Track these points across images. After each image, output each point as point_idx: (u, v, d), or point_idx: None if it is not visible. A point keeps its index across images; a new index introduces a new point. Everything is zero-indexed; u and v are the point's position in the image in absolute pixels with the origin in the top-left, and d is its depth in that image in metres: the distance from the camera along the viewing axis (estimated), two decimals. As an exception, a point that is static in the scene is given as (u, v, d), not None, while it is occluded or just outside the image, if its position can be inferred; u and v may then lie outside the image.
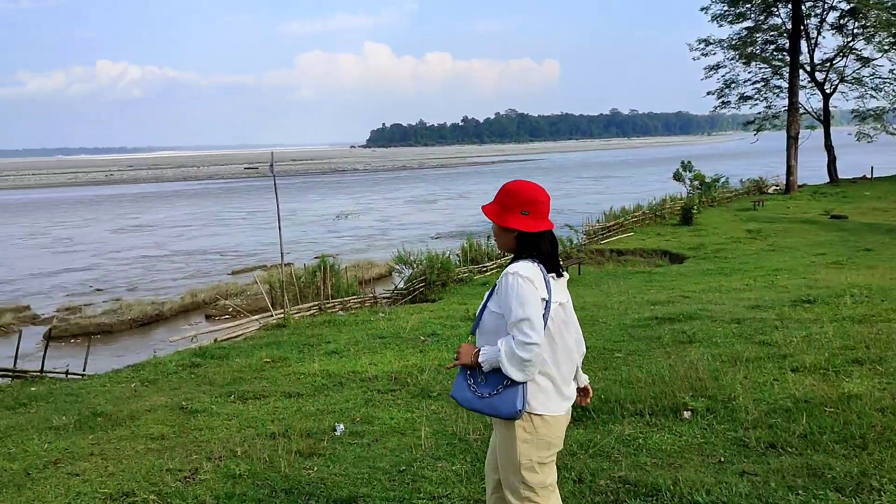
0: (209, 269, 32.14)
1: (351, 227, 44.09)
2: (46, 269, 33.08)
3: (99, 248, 39.53)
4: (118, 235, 44.72)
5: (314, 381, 8.00)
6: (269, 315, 13.73)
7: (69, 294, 27.85)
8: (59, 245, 40.87)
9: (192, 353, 10.24)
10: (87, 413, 6.95)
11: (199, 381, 8.48)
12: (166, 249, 38.20)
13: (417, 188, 78.51)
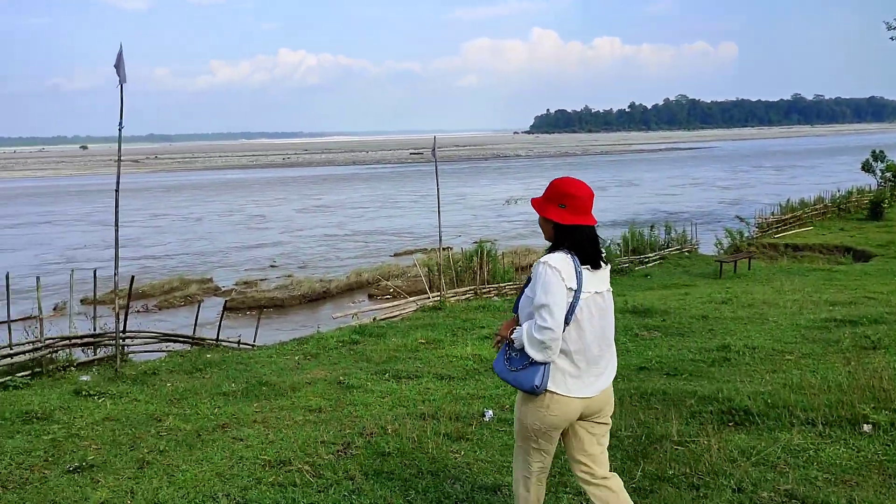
0: (378, 250, 33.23)
1: (520, 213, 43.93)
2: (244, 243, 35.43)
3: (287, 225, 41.81)
4: (304, 214, 47.09)
5: (466, 365, 8.03)
6: (426, 297, 13.99)
7: (248, 269, 29.79)
8: (252, 222, 43.67)
9: (352, 331, 10.60)
10: (254, 382, 7.36)
11: (357, 358, 8.76)
12: (346, 229, 39.79)
13: (586, 174, 77.14)
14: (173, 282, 25.62)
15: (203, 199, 58.04)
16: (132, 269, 27.49)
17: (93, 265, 28.37)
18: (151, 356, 9.32)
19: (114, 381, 7.54)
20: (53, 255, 32.15)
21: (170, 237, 37.39)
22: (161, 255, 32.09)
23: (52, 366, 7.67)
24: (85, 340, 8.22)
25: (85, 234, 38.25)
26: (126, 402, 6.76)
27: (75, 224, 42.85)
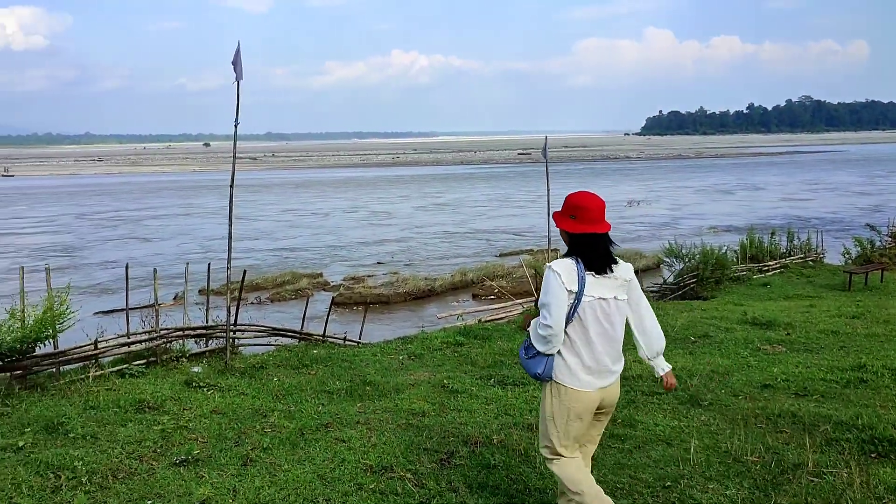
0: (501, 247, 32.99)
1: (641, 215, 42.70)
2: (366, 238, 35.98)
3: (409, 222, 41.97)
4: (425, 212, 47.28)
5: (575, 374, 7.69)
6: (532, 300, 13.66)
7: (358, 265, 30.19)
8: (376, 218, 44.33)
9: (456, 332, 10.43)
10: (358, 381, 7.29)
11: (462, 361, 8.57)
12: (467, 227, 39.56)
13: (710, 177, 74.16)
14: (285, 276, 26.30)
15: (329, 196, 59.20)
16: (269, 260, 29.53)
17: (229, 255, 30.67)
18: (260, 349, 9.45)
19: (223, 374, 7.64)
20: (195, 244, 33.75)
21: (301, 231, 38.47)
22: (294, 247, 33.10)
23: (167, 356, 7.87)
24: (198, 332, 8.41)
25: (222, 226, 39.67)
26: (233, 395, 6.82)
27: (213, 216, 44.92)
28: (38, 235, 37.02)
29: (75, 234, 37.09)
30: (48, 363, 6.78)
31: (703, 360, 8.51)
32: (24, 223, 42.27)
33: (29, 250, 32.09)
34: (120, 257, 29.41)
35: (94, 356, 7.22)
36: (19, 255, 30.54)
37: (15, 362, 6.35)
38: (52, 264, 26.79)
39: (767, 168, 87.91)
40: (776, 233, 23.55)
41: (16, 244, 33.98)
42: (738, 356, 8.73)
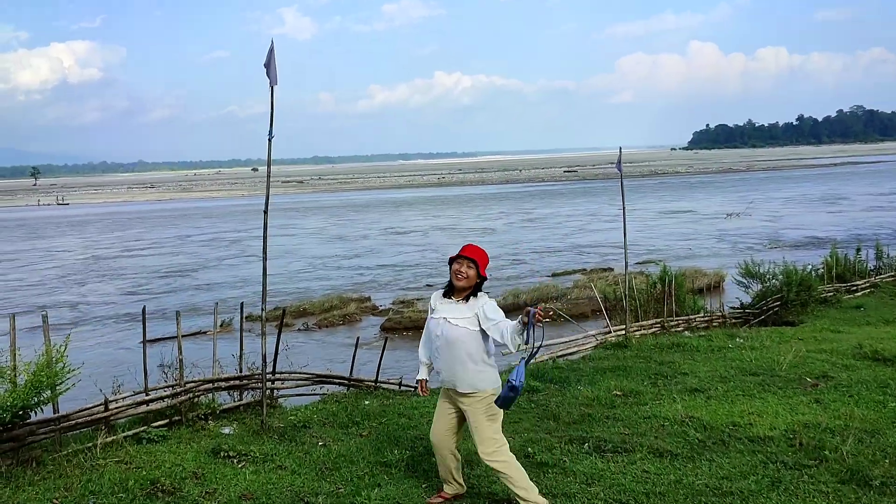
0: (540, 268, 31.54)
1: (736, 228, 40.56)
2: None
3: (512, 237, 40.90)
4: (524, 227, 46.13)
5: (686, 435, 6.21)
6: (608, 331, 12.17)
7: (403, 288, 29.04)
8: (476, 235, 43.06)
9: (528, 374, 9.00)
10: (421, 448, 5.93)
11: (541, 415, 7.16)
12: (567, 242, 38.36)
13: (796, 188, 70.79)
14: (332, 300, 25.21)
15: (421, 215, 58.40)
16: (380, 275, 29.91)
17: (334, 272, 30.94)
18: (304, 399, 8.17)
19: (258, 437, 6.37)
20: (303, 263, 33.55)
21: (407, 248, 37.86)
22: (400, 264, 32.61)
23: (193, 413, 6.62)
24: (230, 384, 7.15)
25: (324, 245, 39.89)
26: (269, 469, 5.52)
27: (311, 236, 44.65)
28: (156, 257, 37.69)
29: (192, 255, 37.81)
30: (46, 431, 5.57)
31: (838, 411, 6.95)
32: (138, 245, 43.41)
33: (148, 272, 32.72)
34: (231, 277, 29.89)
35: (104, 419, 5.99)
36: (139, 275, 31.43)
37: (4, 432, 5.16)
38: (162, 285, 27.98)
39: (843, 178, 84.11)
40: (861, 248, 21.57)
41: (137, 266, 34.73)
42: (880, 405, 7.15)
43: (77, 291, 28.16)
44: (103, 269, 34.28)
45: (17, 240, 50.03)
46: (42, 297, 27.16)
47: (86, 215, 73.69)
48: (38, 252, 42.00)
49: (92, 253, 40.66)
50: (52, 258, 38.98)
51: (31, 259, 38.89)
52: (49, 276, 32.22)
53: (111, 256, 38.86)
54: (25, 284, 30.30)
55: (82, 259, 38.17)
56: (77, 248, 43.83)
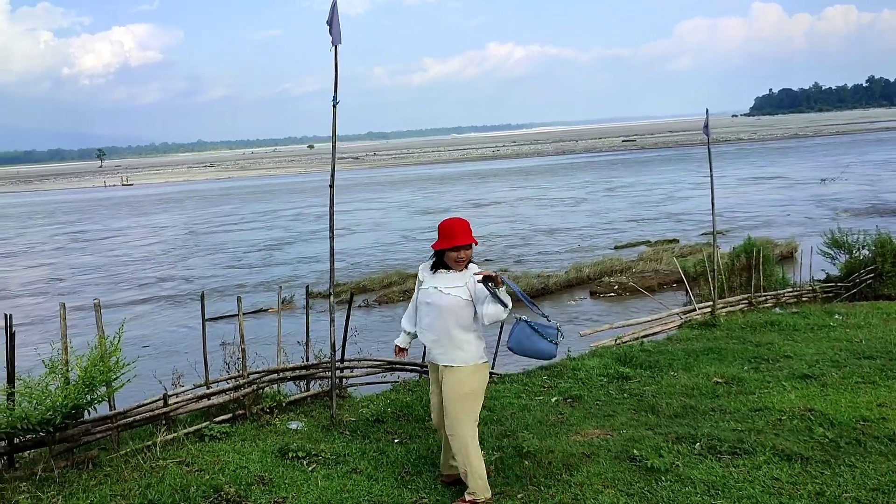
0: (606, 241, 30.60)
1: (832, 193, 38.62)
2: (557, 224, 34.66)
3: (596, 208, 40.21)
4: (609, 196, 45.32)
5: (811, 432, 5.42)
6: (692, 309, 11.31)
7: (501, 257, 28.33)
8: (564, 205, 42.54)
9: (615, 358, 8.30)
10: (509, 448, 5.30)
11: (638, 407, 6.45)
12: (655, 211, 37.29)
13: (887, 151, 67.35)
14: (391, 276, 24.75)
15: (507, 186, 57.70)
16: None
17: (417, 244, 31.06)
18: (375, 388, 7.61)
19: (328, 433, 5.82)
20: (395, 235, 33.64)
21: (495, 219, 37.34)
22: (488, 234, 32.05)
23: (257, 407, 6.11)
24: (296, 374, 6.63)
25: (412, 219, 39.81)
26: (343, 473, 4.95)
27: (399, 210, 44.58)
28: (251, 232, 38.29)
29: (285, 229, 38.19)
30: (103, 429, 5.13)
31: (982, 402, 6.06)
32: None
33: (247, 245, 33.29)
34: (325, 250, 29.53)
35: (164, 415, 5.52)
36: (238, 250, 31.85)
37: (56, 432, 4.72)
38: (253, 260, 28.48)
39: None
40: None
41: (236, 240, 35.30)
42: None
43: (183, 265, 28.81)
44: (204, 244, 34.90)
45: (116, 218, 51.47)
46: (149, 271, 27.87)
47: (165, 194, 74.95)
48: (143, 228, 43.32)
49: (190, 228, 41.65)
50: (156, 234, 40.06)
51: (137, 235, 40.06)
52: (154, 252, 33.05)
53: (208, 232, 39.68)
54: (134, 259, 31.20)
55: (182, 235, 39.03)
56: (174, 224, 44.96)
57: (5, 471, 4.63)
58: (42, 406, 4.47)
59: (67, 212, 59.20)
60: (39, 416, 4.40)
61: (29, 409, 4.46)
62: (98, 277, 27.02)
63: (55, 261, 32.24)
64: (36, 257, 33.94)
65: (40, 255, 34.45)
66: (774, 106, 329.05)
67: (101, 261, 31.25)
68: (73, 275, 28.02)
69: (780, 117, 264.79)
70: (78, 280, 26.75)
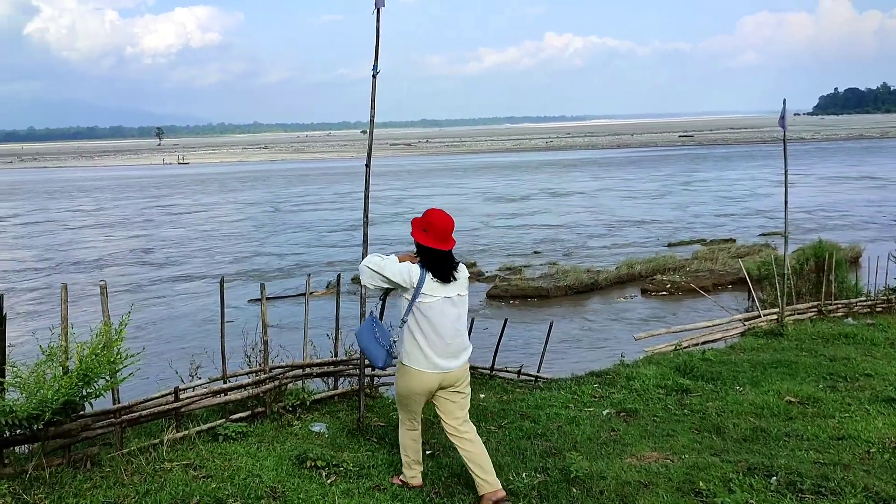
0: (655, 238, 29.64)
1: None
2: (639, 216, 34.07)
3: (681, 201, 39.57)
4: (693, 192, 44.21)
5: (907, 469, 4.67)
6: (756, 315, 10.46)
7: (511, 254, 27.83)
8: (647, 197, 42.04)
9: (673, 367, 7.58)
10: (555, 469, 4.66)
11: (700, 426, 5.74)
12: (740, 206, 36.40)
13: None
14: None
15: (588, 176, 57.03)
16: (556, 234, 29.38)
17: (515, 232, 30.73)
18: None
19: (353, 439, 5.27)
20: (475, 221, 33.56)
21: (575, 209, 37.23)
22: (568, 224, 32.01)
23: (279, 405, 5.59)
24: (323, 370, 6.09)
25: (494, 205, 39.67)
26: (365, 489, 4.39)
27: (476, 196, 44.48)
28: (334, 212, 38.62)
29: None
30: (104, 425, 4.66)
31: None
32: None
33: (331, 225, 33.58)
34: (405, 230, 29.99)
35: (174, 410, 5.03)
36: (321, 229, 32.21)
37: (50, 427, 4.23)
38: (337, 238, 28.66)
39: None
40: None
41: (319, 219, 35.68)
42: None
43: (273, 241, 29.20)
44: (291, 222, 35.19)
45: (200, 194, 52.42)
46: (238, 246, 28.32)
47: (225, 174, 75.77)
48: (231, 204, 43.90)
49: (275, 207, 41.97)
50: (241, 211, 40.69)
51: (222, 211, 40.78)
52: (246, 227, 33.48)
53: (292, 210, 40.04)
54: (221, 234, 31.66)
55: (268, 213, 39.41)
56: (259, 201, 45.34)
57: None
58: (34, 399, 3.98)
59: (146, 187, 60.13)
60: (27, 410, 3.91)
61: (16, 402, 3.98)
62: (189, 251, 27.40)
63: (146, 233, 32.80)
64: (128, 229, 34.53)
65: (133, 227, 35.08)
66: (839, 106, 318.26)
67: (191, 234, 31.73)
68: (161, 247, 28.50)
69: (845, 117, 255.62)
70: (166, 252, 27.13)
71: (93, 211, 42.18)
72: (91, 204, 46.47)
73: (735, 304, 15.66)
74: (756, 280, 13.83)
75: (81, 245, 29.48)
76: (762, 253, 23.48)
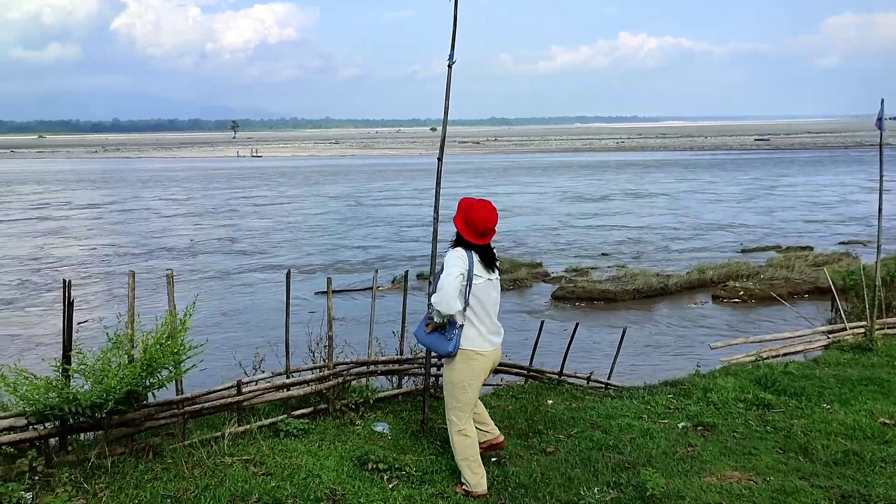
0: (728, 243, 28.74)
1: None
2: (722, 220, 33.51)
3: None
4: (783, 196, 43.06)
5: None
6: (841, 327, 9.87)
7: (577, 255, 27.40)
8: (744, 201, 41.17)
9: (752, 379, 7.16)
10: (629, 487, 4.37)
11: (785, 445, 5.36)
12: (831, 212, 35.18)
13: None
14: (503, 264, 24.02)
15: (672, 177, 56.31)
16: (642, 235, 28.78)
17: (597, 232, 30.64)
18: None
19: (417, 441, 5.10)
20: (551, 219, 33.51)
21: (657, 210, 36.79)
22: (652, 225, 31.61)
23: (342, 402, 5.47)
24: (388, 367, 5.94)
25: (571, 205, 39.49)
26: (427, 496, 4.20)
27: (552, 195, 44.15)
28: (414, 207, 38.73)
29: (444, 207, 39.19)
30: (167, 416, 4.60)
31: None
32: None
33: (411, 220, 33.71)
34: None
35: (236, 404, 4.95)
36: (401, 223, 32.34)
37: (113, 415, 4.19)
38: (418, 233, 29.15)
39: None
40: None
41: (400, 214, 35.93)
42: None
43: (356, 234, 29.50)
44: (372, 215, 35.51)
45: (285, 186, 53.51)
46: (322, 238, 28.71)
47: (298, 168, 77.11)
48: (314, 198, 44.68)
49: (357, 200, 42.51)
50: (324, 204, 41.14)
51: (305, 204, 41.29)
52: (329, 220, 33.99)
53: (372, 204, 40.45)
54: (307, 226, 32.16)
55: (350, 207, 39.85)
56: (340, 194, 46.21)
57: (56, 454, 4.16)
58: (98, 387, 3.94)
59: (233, 178, 61.69)
60: (90, 398, 3.87)
61: (80, 390, 3.95)
62: (274, 241, 27.93)
63: (232, 223, 33.54)
64: (216, 219, 35.37)
65: (220, 217, 35.89)
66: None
67: (276, 225, 32.33)
68: (247, 236, 29.12)
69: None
70: (253, 242, 27.72)
71: (184, 200, 43.38)
72: (182, 193, 47.86)
73: (814, 315, 14.96)
74: (840, 290, 13.13)
75: (173, 233, 30.37)
76: (842, 262, 22.46)
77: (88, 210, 38.65)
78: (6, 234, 29.98)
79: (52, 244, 26.96)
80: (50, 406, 3.86)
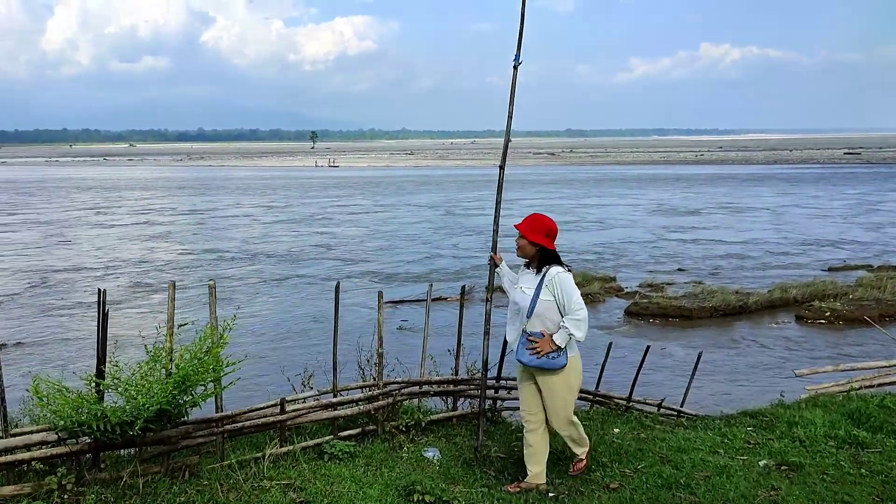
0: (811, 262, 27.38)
1: None
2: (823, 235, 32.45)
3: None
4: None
5: None
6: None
7: (653, 271, 26.54)
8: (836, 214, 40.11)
9: (844, 413, 6.51)
10: (703, 537, 3.92)
11: (884, 493, 4.75)
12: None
13: None
14: (576, 277, 23.42)
15: (773, 192, 55.10)
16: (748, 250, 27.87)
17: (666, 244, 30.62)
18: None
19: (469, 471, 4.74)
20: (642, 231, 33.00)
21: (765, 225, 35.61)
22: (759, 240, 30.56)
23: (391, 424, 5.16)
24: (442, 388, 5.61)
25: (660, 217, 38.76)
26: (475, 535, 3.85)
27: (640, 209, 43.08)
28: (507, 218, 39.11)
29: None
30: (205, 434, 4.39)
31: None
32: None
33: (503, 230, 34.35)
34: (594, 240, 29.95)
35: (279, 423, 4.70)
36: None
37: (147, 433, 3.99)
38: (509, 244, 29.49)
39: None
40: None
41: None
42: None
43: (449, 244, 29.52)
44: (463, 225, 35.58)
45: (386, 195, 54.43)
46: (416, 247, 28.85)
47: (375, 178, 78.03)
48: (406, 207, 45.09)
49: (448, 210, 42.72)
50: (416, 213, 41.43)
51: (399, 213, 41.63)
52: (422, 229, 34.22)
53: (463, 214, 40.57)
54: (403, 235, 32.33)
55: (442, 216, 39.97)
56: (431, 204, 46.58)
57: (88, 471, 3.98)
58: (129, 404, 3.74)
59: (328, 187, 62.96)
60: (120, 416, 3.67)
61: (109, 407, 3.75)
62: (370, 249, 28.24)
63: (328, 230, 33.95)
64: (312, 225, 35.95)
65: (315, 224, 36.44)
66: None
67: (373, 233, 32.66)
68: (341, 243, 29.47)
69: None
70: (350, 249, 28.01)
71: (283, 207, 44.38)
72: (281, 201, 49.04)
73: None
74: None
75: (273, 239, 31.03)
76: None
77: (191, 216, 39.90)
78: (120, 237, 31.18)
79: (159, 248, 27.92)
80: (79, 422, 3.69)
